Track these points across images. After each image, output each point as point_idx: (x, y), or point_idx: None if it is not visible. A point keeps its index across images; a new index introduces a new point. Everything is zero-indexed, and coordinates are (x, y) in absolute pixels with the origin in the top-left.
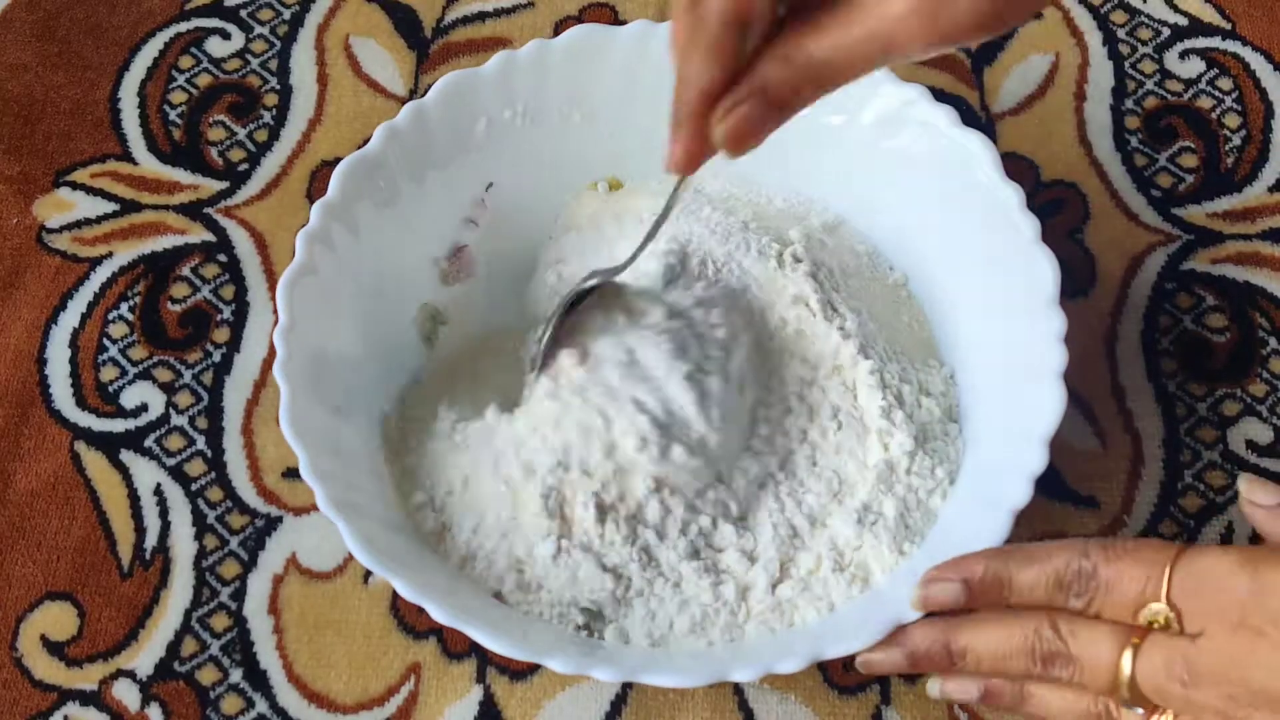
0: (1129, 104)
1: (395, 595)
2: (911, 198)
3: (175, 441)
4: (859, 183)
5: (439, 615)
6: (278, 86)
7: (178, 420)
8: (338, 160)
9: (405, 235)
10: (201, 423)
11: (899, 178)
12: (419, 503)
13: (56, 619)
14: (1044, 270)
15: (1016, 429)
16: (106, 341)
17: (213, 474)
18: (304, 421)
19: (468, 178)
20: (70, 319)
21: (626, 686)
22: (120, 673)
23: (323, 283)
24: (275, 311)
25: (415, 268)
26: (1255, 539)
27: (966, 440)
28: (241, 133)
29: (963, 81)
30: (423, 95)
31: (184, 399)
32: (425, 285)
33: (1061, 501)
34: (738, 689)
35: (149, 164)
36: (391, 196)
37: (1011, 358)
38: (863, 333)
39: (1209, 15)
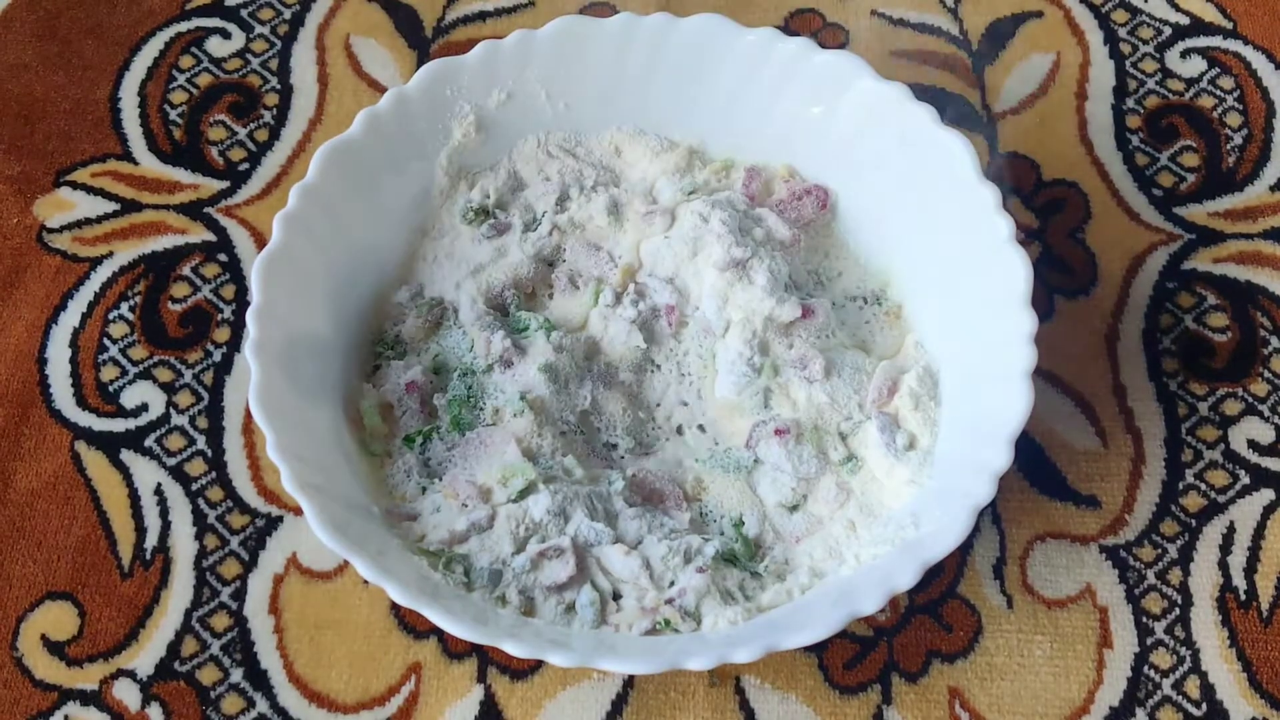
0: (1130, 103)
1: None
2: (889, 195)
3: (175, 441)
4: (838, 179)
5: (398, 596)
6: (278, 86)
7: (178, 420)
8: None
9: (383, 222)
10: (202, 422)
11: (878, 175)
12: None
13: (57, 619)
14: (1017, 270)
15: (984, 427)
16: (107, 341)
17: (213, 474)
18: (273, 402)
19: (447, 167)
20: (70, 319)
21: (628, 686)
22: (120, 672)
23: (299, 265)
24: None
25: (391, 255)
26: (1256, 540)
27: (937, 436)
28: (242, 132)
29: (964, 80)
30: None
31: (184, 399)
32: (400, 273)
33: (1062, 501)
34: (739, 688)
35: (149, 164)
36: (371, 183)
37: (982, 356)
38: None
39: (1210, 14)
